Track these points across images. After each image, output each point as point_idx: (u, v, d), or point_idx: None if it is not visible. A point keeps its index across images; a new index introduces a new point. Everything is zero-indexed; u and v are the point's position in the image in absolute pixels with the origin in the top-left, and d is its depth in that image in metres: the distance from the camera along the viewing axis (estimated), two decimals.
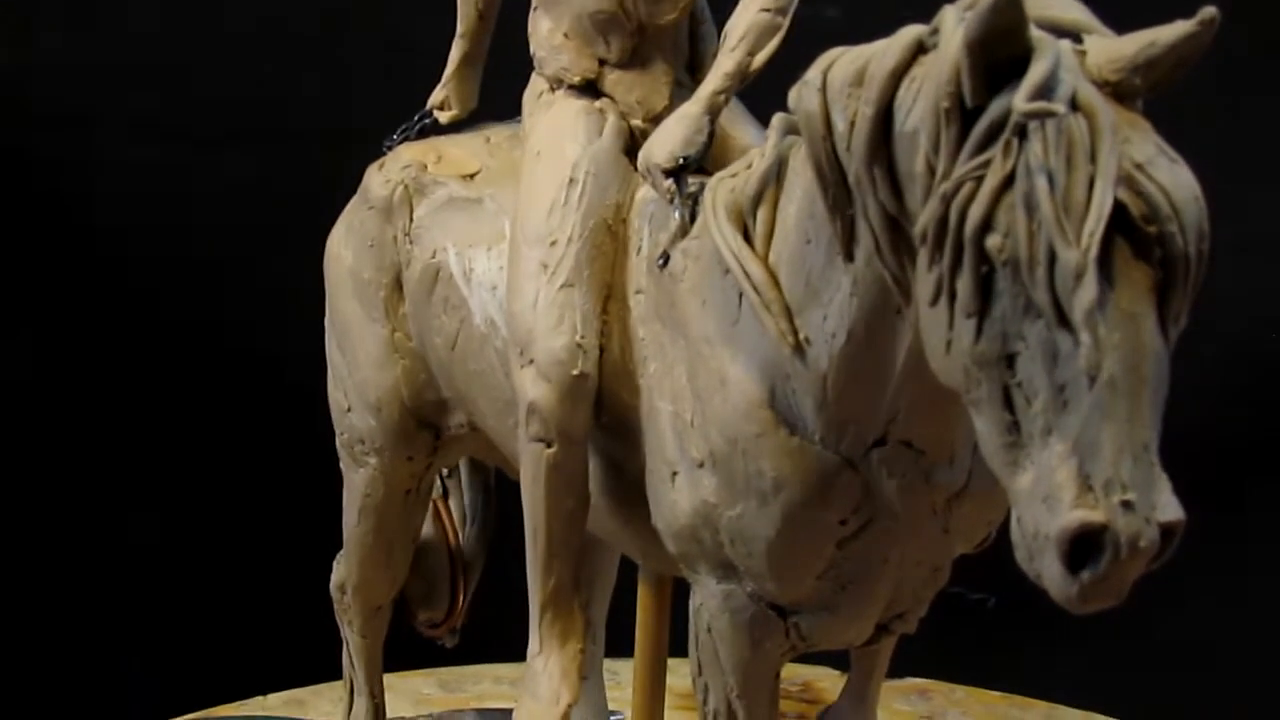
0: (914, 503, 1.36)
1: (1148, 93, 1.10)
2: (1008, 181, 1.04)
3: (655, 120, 1.57)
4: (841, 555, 1.39)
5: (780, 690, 1.54)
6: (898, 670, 2.15)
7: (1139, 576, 1.05)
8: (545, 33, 1.66)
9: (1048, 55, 1.05)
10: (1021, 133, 1.04)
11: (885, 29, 1.19)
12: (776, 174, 1.36)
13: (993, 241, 1.05)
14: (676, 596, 1.75)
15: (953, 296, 1.08)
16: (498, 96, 1.82)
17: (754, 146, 1.49)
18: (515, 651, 1.73)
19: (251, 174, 2.80)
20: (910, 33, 1.16)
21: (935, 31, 1.13)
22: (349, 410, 1.82)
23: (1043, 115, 1.03)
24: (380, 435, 1.80)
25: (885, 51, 1.16)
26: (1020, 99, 1.04)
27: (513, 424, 1.58)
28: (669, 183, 1.48)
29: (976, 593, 2.53)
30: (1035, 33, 1.07)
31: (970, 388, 1.09)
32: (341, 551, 1.94)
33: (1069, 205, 1.02)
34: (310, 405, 1.92)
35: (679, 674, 1.80)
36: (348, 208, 1.82)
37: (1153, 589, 1.13)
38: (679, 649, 1.63)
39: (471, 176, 1.73)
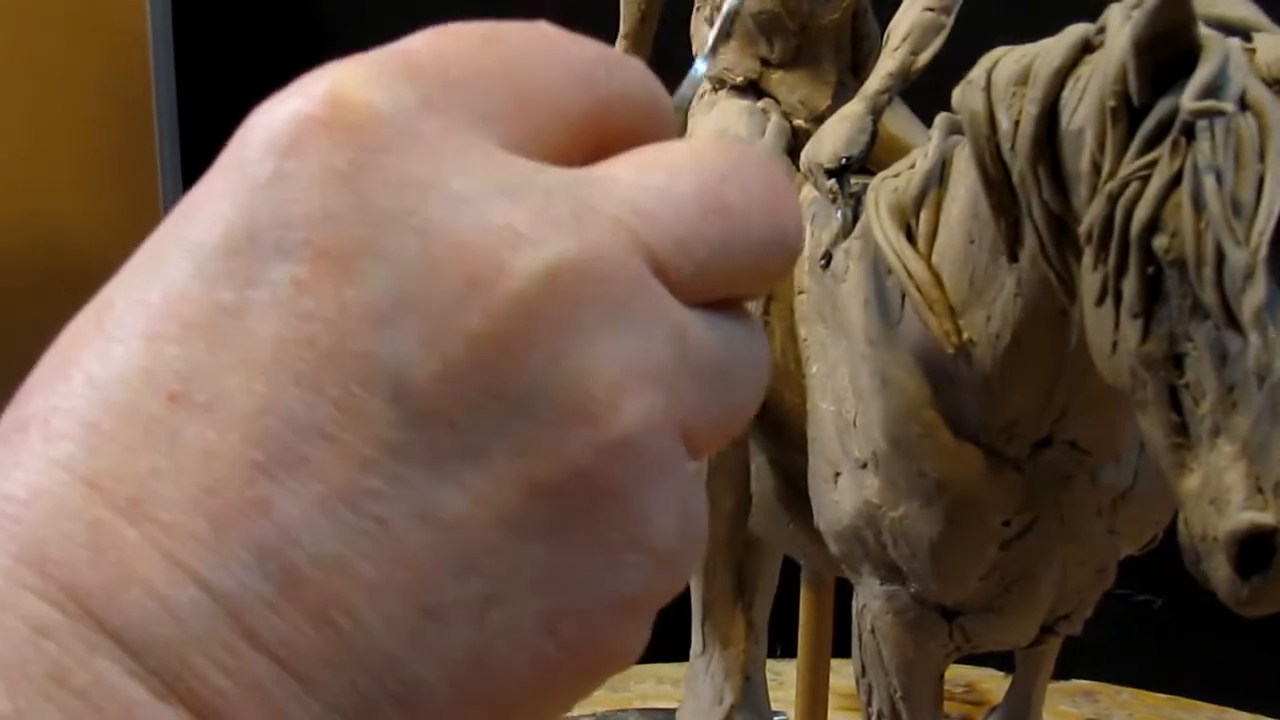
0: (1079, 503, 1.36)
1: None
2: (1175, 181, 1.03)
3: (818, 120, 1.57)
4: (1005, 556, 1.38)
5: (944, 691, 1.54)
6: (1063, 672, 2.13)
7: None
8: (707, 34, 1.67)
9: (1216, 53, 1.04)
10: (1189, 132, 1.03)
11: (1049, 28, 1.18)
12: (940, 174, 1.35)
13: (1159, 241, 1.04)
14: (839, 597, 1.75)
15: (1119, 297, 1.08)
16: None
17: (917, 146, 1.48)
18: (678, 652, 1.74)
19: None
20: (1076, 31, 1.15)
21: (1101, 30, 1.12)
22: None
23: (1211, 114, 1.02)
24: None
25: (1050, 50, 1.15)
26: (1188, 98, 1.03)
27: None
28: (831, 182, 1.47)
29: (1143, 594, 2.51)
30: (1203, 31, 1.06)
31: (1136, 388, 1.09)
32: None
33: (1238, 204, 1.01)
34: None
35: (842, 675, 1.80)
36: None
37: None
38: (842, 650, 1.63)
39: None
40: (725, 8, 0.86)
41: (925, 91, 1.52)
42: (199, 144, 2.98)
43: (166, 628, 0.30)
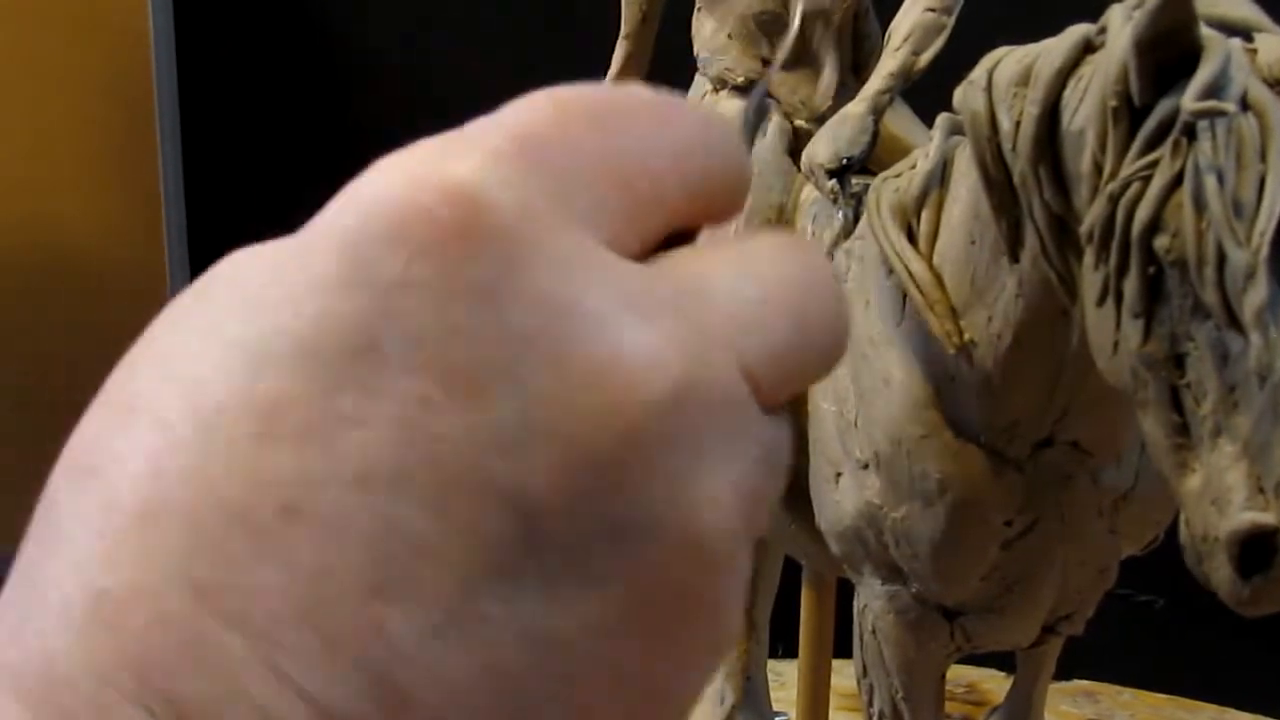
0: (1080, 504, 1.36)
1: None
2: (1176, 181, 1.03)
3: (819, 120, 1.57)
4: (1007, 556, 1.38)
5: (946, 691, 1.54)
6: (1064, 672, 2.13)
7: None
8: (709, 34, 1.67)
9: (1217, 54, 1.04)
10: (1190, 132, 1.03)
11: (1051, 29, 1.18)
12: (941, 174, 1.35)
13: (1161, 241, 1.04)
14: (840, 598, 1.75)
15: (1120, 297, 1.08)
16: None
17: (918, 147, 1.48)
18: None
19: None
20: (1077, 31, 1.15)
21: (1103, 30, 1.12)
22: None
23: (1212, 114, 1.02)
24: None
25: (1052, 50, 1.15)
26: (1189, 98, 1.03)
27: None
28: (833, 183, 1.47)
29: (1144, 594, 2.51)
30: (1205, 31, 1.06)
31: (1138, 389, 1.09)
32: None
33: (1239, 205, 1.01)
34: None
35: (843, 675, 1.80)
36: None
37: None
38: (843, 650, 1.63)
39: None
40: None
41: (926, 92, 1.52)
42: (200, 144, 2.99)
43: None
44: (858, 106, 1.52)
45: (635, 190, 0.35)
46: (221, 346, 0.32)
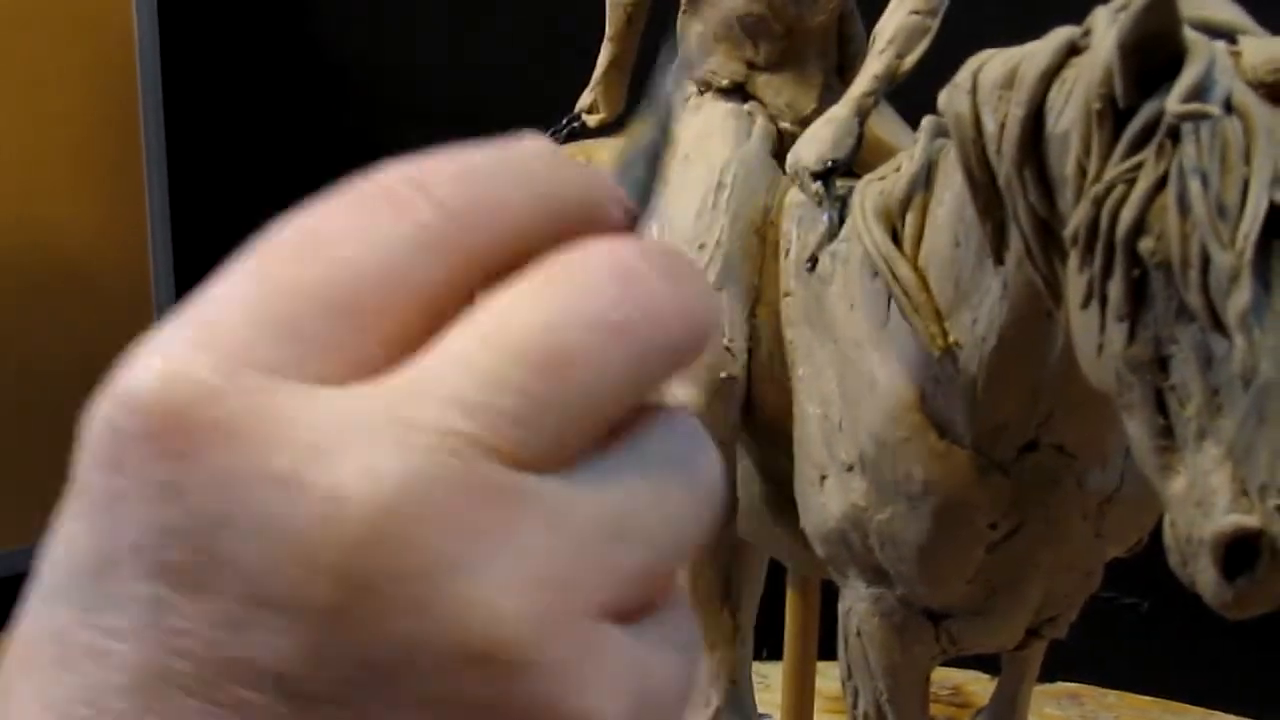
0: (1066, 507, 1.36)
1: None
2: (1160, 184, 1.03)
3: (804, 123, 1.57)
4: (992, 559, 1.38)
5: (930, 694, 1.54)
6: (1049, 674, 2.13)
7: None
8: (694, 36, 1.67)
9: (1202, 57, 1.04)
10: (1174, 135, 1.03)
11: (1035, 31, 1.18)
12: (926, 177, 1.35)
13: (1145, 244, 1.04)
14: (825, 600, 1.75)
15: (1104, 300, 1.08)
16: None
17: (903, 149, 1.48)
18: None
19: None
20: (1062, 34, 1.15)
21: (1087, 33, 1.13)
22: None
23: (1196, 117, 1.02)
24: None
25: (1036, 53, 1.15)
26: (1173, 101, 1.03)
27: None
28: (817, 185, 1.48)
29: (1129, 597, 2.51)
30: (1189, 34, 1.06)
31: (1122, 391, 1.09)
32: None
33: (1223, 207, 1.01)
34: None
35: (828, 677, 1.80)
36: None
37: None
38: (828, 652, 1.63)
39: None
40: None
41: (911, 94, 1.53)
42: (185, 147, 2.98)
43: None
44: (842, 109, 1.52)
45: (350, 312, 0.33)
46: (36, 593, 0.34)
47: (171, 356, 0.33)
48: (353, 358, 0.33)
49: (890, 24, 1.54)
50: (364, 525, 0.31)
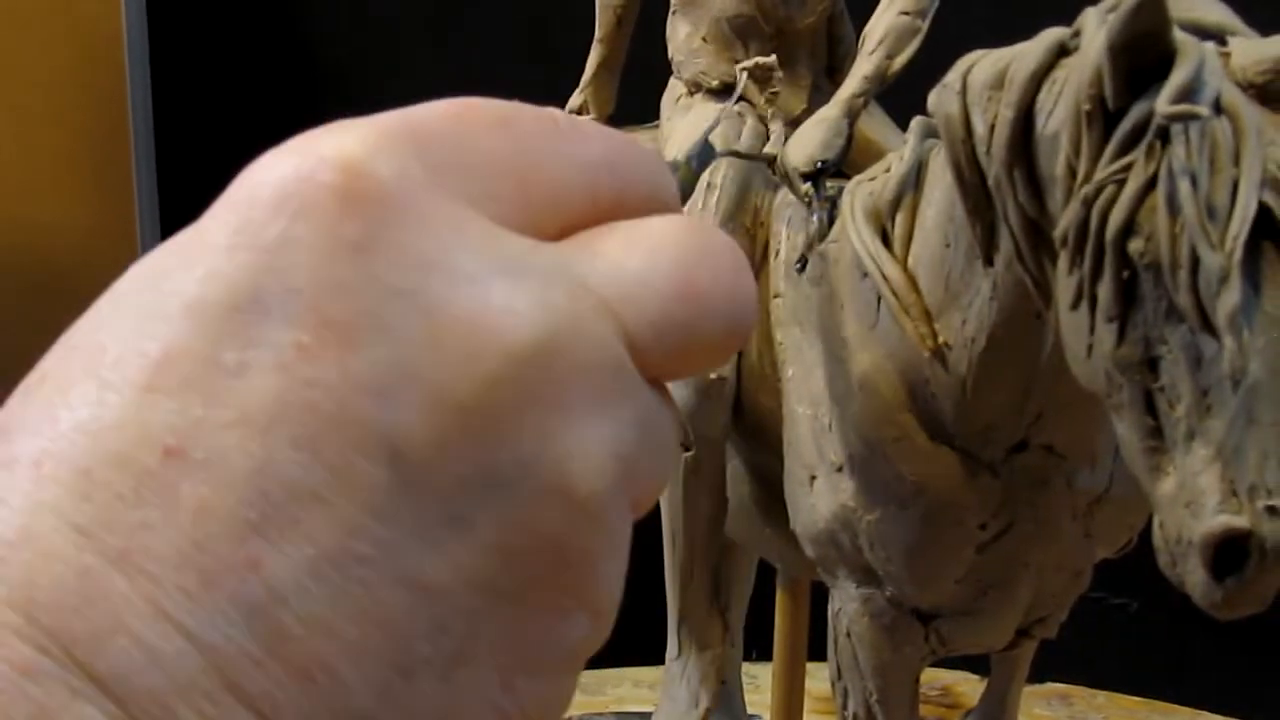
0: (1055, 507, 1.36)
1: None
2: (1150, 185, 1.03)
3: (793, 124, 1.57)
4: (981, 559, 1.38)
5: (920, 694, 1.54)
6: (1038, 675, 2.14)
7: None
8: (683, 37, 1.67)
9: (1191, 58, 1.04)
10: (1164, 136, 1.03)
11: (1025, 32, 1.18)
12: (915, 178, 1.35)
13: (1134, 245, 1.04)
14: (815, 600, 1.75)
15: (1094, 300, 1.08)
16: (636, 101, 1.83)
17: (893, 150, 1.48)
18: (655, 655, 1.74)
19: None
20: (1052, 35, 1.15)
21: (1077, 34, 1.13)
22: None
23: (1186, 118, 1.02)
24: None
25: (1026, 54, 1.15)
26: (1163, 102, 1.03)
27: None
28: (807, 186, 1.48)
29: (1118, 597, 2.51)
30: (1179, 35, 1.06)
31: (1112, 392, 1.09)
32: None
33: (1213, 208, 1.01)
34: None
35: (818, 678, 1.80)
36: None
37: None
38: (818, 653, 1.64)
39: None
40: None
41: (901, 95, 1.53)
42: (174, 147, 2.98)
43: (152, 677, 0.31)
44: (832, 110, 1.52)
45: (529, 188, 0.37)
46: (120, 315, 0.34)
47: (383, 135, 0.35)
48: (513, 224, 0.36)
49: (880, 25, 1.54)
50: (529, 344, 0.33)
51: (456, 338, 0.33)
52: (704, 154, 0.42)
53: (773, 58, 1.61)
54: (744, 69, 1.60)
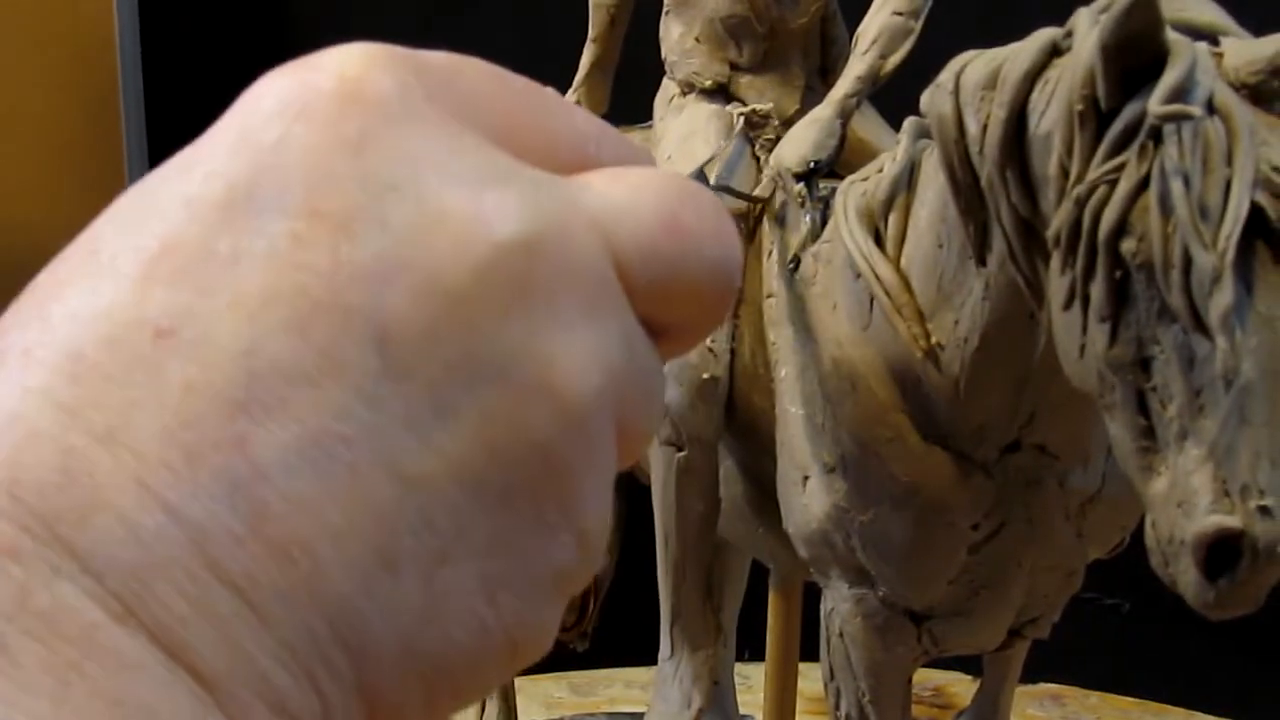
0: (1047, 507, 1.36)
1: None
2: (1142, 185, 1.03)
3: (786, 124, 1.57)
4: (974, 560, 1.38)
5: (913, 694, 1.54)
6: (1031, 675, 2.14)
7: (1277, 581, 1.04)
8: (676, 37, 1.67)
9: (1184, 58, 1.04)
10: (1156, 136, 1.03)
11: (1018, 32, 1.18)
12: (908, 178, 1.35)
13: (1127, 245, 1.04)
14: (807, 601, 1.75)
15: (1086, 300, 1.08)
16: (630, 101, 1.83)
17: (885, 150, 1.48)
18: (647, 655, 1.74)
19: None
20: (1044, 35, 1.15)
21: (1069, 34, 1.13)
22: None
23: (1178, 118, 1.02)
24: None
25: (1019, 54, 1.15)
26: (1155, 102, 1.03)
27: None
28: (800, 186, 1.48)
29: (1111, 597, 2.51)
30: (1171, 35, 1.06)
31: (1104, 392, 1.09)
32: None
33: (1205, 208, 1.01)
34: None
35: (810, 678, 1.80)
36: None
37: None
38: (810, 653, 1.63)
39: None
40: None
41: (894, 95, 1.53)
42: (166, 149, 2.97)
43: (131, 552, 0.31)
44: (825, 110, 1.52)
45: (521, 132, 0.38)
46: (115, 221, 0.35)
47: (385, 52, 0.36)
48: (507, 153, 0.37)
49: (873, 25, 1.54)
50: (517, 238, 0.34)
51: (447, 229, 0.34)
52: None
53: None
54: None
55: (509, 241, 0.34)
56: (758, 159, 1.59)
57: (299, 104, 0.35)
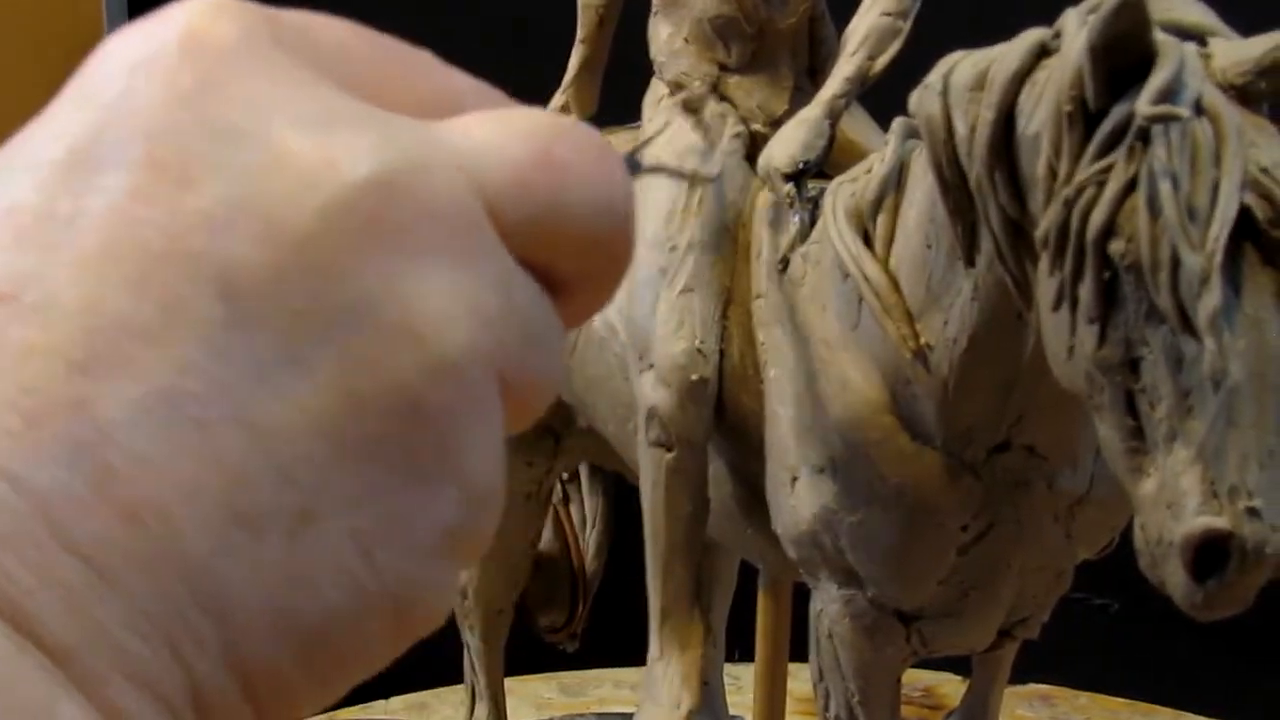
0: (1036, 508, 1.36)
1: (1274, 96, 1.09)
2: (1130, 186, 1.03)
3: (775, 124, 1.57)
4: (963, 561, 1.38)
5: (902, 695, 1.54)
6: (1020, 675, 2.14)
7: (1265, 583, 1.04)
8: (665, 38, 1.67)
9: (1172, 59, 1.04)
10: (1144, 137, 1.03)
11: (1006, 33, 1.18)
12: (897, 178, 1.35)
13: (1115, 246, 1.04)
14: (797, 601, 1.75)
15: (1075, 302, 1.08)
16: (618, 101, 1.82)
17: (874, 150, 1.48)
18: (636, 656, 1.73)
19: None
20: (1033, 36, 1.15)
21: (1058, 35, 1.13)
22: None
23: (1166, 119, 1.02)
24: None
25: (1007, 55, 1.15)
26: (1143, 103, 1.03)
27: (632, 428, 1.59)
28: (789, 187, 1.47)
29: (1099, 598, 2.51)
30: (1159, 36, 1.06)
31: (1093, 393, 1.09)
32: None
33: (1193, 210, 1.01)
34: None
35: (799, 679, 1.80)
36: None
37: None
38: (800, 654, 1.63)
39: None
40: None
41: (882, 96, 1.53)
42: None
43: None
44: (814, 111, 1.52)
45: (384, 84, 0.37)
46: None
47: (237, 9, 0.35)
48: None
49: (861, 26, 1.54)
50: (369, 177, 0.33)
51: (293, 171, 0.33)
52: (630, 166, 0.41)
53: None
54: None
55: (360, 181, 0.33)
56: (749, 160, 1.59)
57: (141, 57, 0.34)
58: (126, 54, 0.34)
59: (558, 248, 0.36)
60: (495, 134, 0.36)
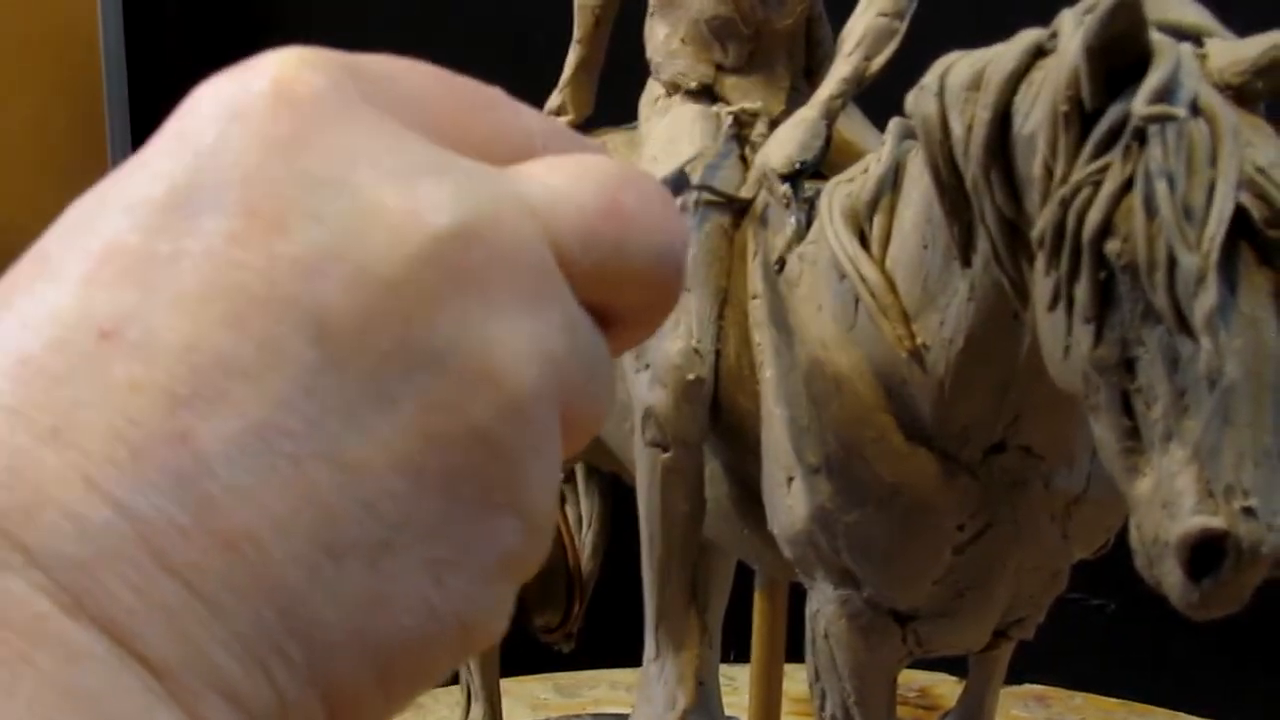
0: (1032, 508, 1.36)
1: (1270, 96, 1.09)
2: (1127, 186, 1.03)
3: (772, 125, 1.57)
4: (959, 561, 1.38)
5: (898, 695, 1.54)
6: (1016, 676, 2.14)
7: (1261, 582, 1.04)
8: (662, 38, 1.67)
9: (1168, 59, 1.04)
10: (1141, 137, 1.03)
11: (1002, 33, 1.18)
12: (893, 179, 1.35)
13: (1111, 246, 1.04)
14: (793, 602, 1.75)
15: (1071, 302, 1.08)
16: (615, 102, 1.83)
17: (871, 151, 1.48)
18: (632, 657, 1.73)
19: None
20: (1029, 36, 1.15)
21: (1054, 35, 1.13)
22: None
23: (1162, 119, 1.02)
24: None
25: (1003, 55, 1.16)
26: (1139, 103, 1.03)
27: (629, 428, 1.59)
28: (785, 187, 1.48)
29: (1096, 598, 2.51)
30: (1155, 36, 1.06)
31: (1089, 393, 1.09)
32: None
33: (1189, 209, 1.01)
34: None
35: (795, 679, 1.81)
36: None
37: (1276, 594, 1.12)
38: (796, 654, 1.63)
39: None
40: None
41: (879, 96, 1.53)
42: None
43: (79, 546, 0.31)
44: (810, 111, 1.52)
45: (462, 130, 0.39)
46: (64, 228, 0.36)
47: (320, 54, 0.37)
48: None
49: (858, 26, 1.54)
50: (451, 227, 0.35)
51: (381, 221, 0.34)
52: (677, 183, 0.44)
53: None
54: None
55: (443, 231, 0.35)
56: (745, 160, 1.59)
57: (235, 106, 0.36)
58: (220, 101, 0.36)
59: (618, 290, 0.39)
60: (566, 182, 0.38)
